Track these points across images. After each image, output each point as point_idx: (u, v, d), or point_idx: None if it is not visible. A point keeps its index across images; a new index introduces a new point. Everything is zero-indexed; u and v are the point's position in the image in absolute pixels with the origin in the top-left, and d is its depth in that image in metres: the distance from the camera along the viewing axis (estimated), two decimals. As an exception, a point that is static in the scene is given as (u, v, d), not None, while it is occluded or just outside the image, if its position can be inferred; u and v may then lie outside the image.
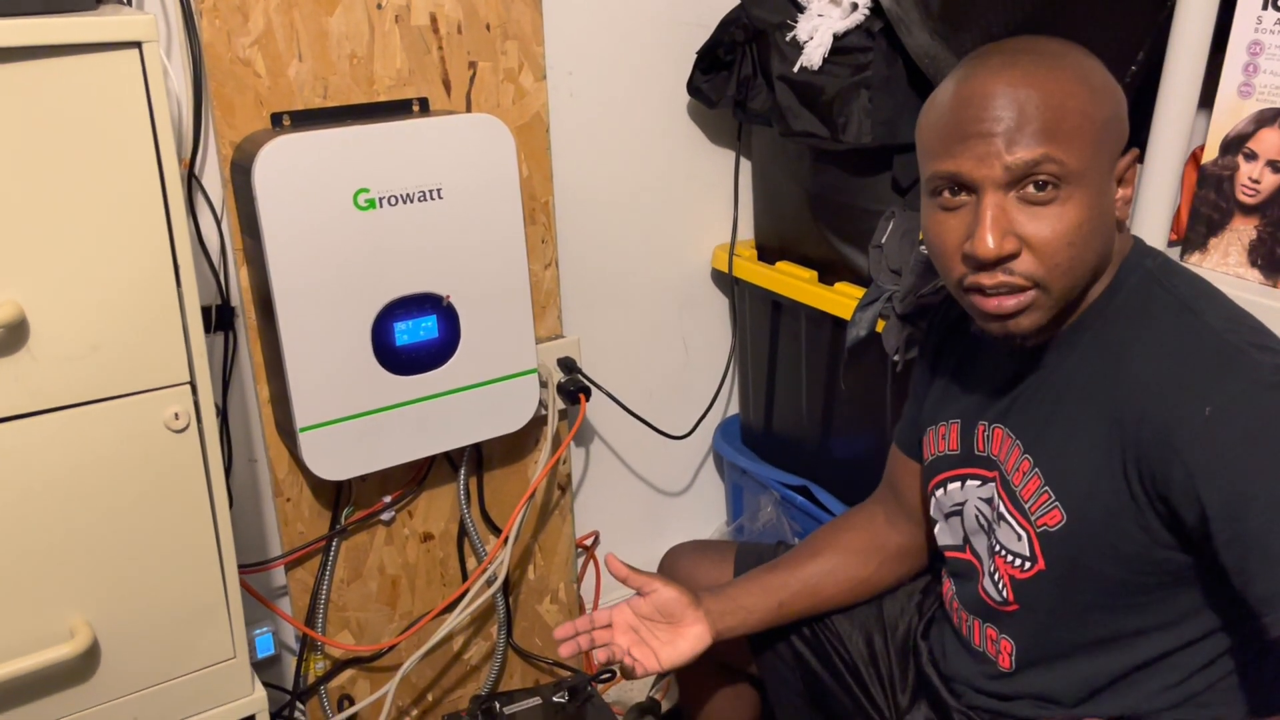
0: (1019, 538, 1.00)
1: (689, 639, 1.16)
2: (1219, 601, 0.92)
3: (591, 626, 1.17)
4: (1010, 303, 0.91)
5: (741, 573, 1.27)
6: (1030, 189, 0.88)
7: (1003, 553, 1.02)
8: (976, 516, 1.07)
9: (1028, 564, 1.00)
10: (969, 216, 0.91)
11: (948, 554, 1.13)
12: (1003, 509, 1.02)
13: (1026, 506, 0.99)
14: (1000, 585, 1.03)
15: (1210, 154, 1.23)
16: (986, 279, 0.91)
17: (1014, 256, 0.89)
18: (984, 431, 1.05)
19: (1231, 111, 1.20)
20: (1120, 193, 0.94)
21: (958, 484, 1.09)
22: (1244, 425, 0.84)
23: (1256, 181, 1.19)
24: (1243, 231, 1.21)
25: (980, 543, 1.07)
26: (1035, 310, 0.92)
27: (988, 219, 0.88)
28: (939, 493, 1.12)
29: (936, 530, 1.14)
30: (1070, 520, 0.95)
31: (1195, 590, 0.93)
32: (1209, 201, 1.23)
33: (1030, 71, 0.89)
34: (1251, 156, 1.19)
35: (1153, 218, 1.26)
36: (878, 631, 1.24)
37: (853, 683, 1.23)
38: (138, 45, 0.88)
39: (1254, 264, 1.20)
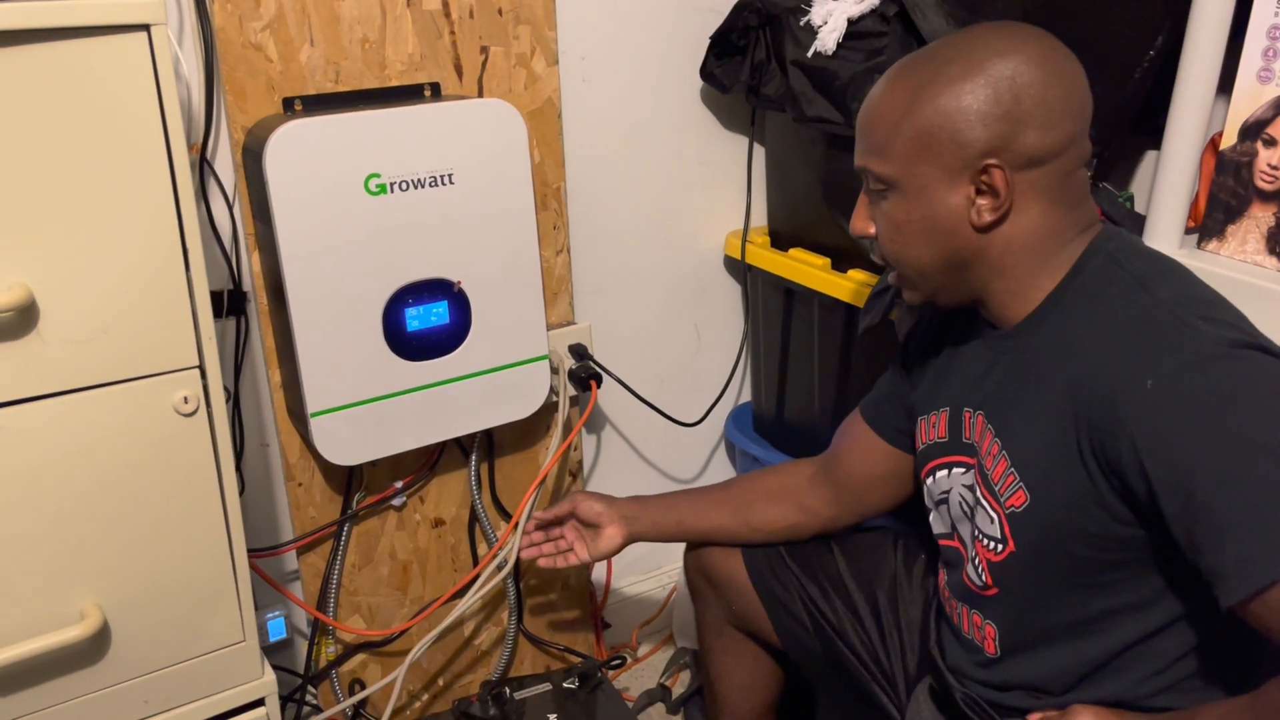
0: (991, 520, 1.02)
1: (605, 538, 1.36)
2: (1188, 581, 0.91)
3: (537, 525, 1.42)
4: (891, 276, 1.06)
5: (749, 561, 1.33)
6: (872, 188, 1.02)
7: (980, 537, 1.04)
8: (960, 503, 1.08)
9: (999, 546, 1.01)
10: None
11: (941, 543, 1.14)
12: (979, 494, 1.04)
13: (996, 489, 1.00)
14: (980, 569, 1.05)
15: (1229, 140, 1.21)
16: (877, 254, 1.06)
17: (875, 239, 1.04)
18: (969, 418, 1.07)
19: (1251, 97, 1.19)
20: (979, 200, 0.95)
21: (944, 471, 1.11)
22: (1185, 397, 0.84)
23: (1275, 168, 1.17)
24: (1261, 219, 1.19)
25: (965, 529, 1.08)
26: (907, 288, 1.05)
27: (857, 204, 1.05)
28: (929, 481, 1.13)
29: (930, 519, 1.16)
30: (1033, 500, 0.96)
31: (1163, 568, 0.93)
32: (1227, 188, 1.22)
33: (886, 85, 0.99)
34: (1271, 142, 1.17)
35: (1170, 204, 1.25)
36: (886, 603, 1.26)
37: (861, 641, 1.27)
38: (146, 28, 0.88)
39: (1272, 251, 1.19)
